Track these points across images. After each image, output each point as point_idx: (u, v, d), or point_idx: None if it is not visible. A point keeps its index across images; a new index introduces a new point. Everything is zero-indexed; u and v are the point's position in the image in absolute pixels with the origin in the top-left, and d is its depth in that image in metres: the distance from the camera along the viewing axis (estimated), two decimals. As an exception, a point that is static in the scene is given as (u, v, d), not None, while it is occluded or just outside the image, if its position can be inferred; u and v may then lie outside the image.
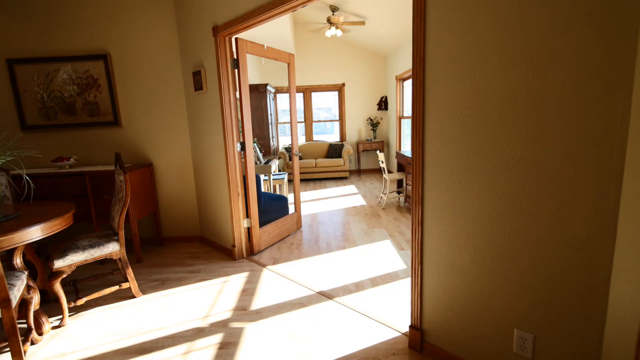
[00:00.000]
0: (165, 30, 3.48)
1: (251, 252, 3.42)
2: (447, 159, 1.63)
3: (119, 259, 2.58)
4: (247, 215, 3.38)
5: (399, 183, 5.45)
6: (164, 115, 3.64)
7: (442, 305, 1.76)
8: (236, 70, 3.10)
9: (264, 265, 3.15)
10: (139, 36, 3.48)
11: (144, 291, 2.77)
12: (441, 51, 1.57)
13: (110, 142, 3.69)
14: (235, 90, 3.17)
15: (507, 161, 1.41)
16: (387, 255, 3.28)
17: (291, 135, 3.96)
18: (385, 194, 5.31)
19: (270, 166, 4.63)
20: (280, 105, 8.35)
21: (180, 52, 3.52)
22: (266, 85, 5.89)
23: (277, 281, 2.83)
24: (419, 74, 1.66)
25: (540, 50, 1.26)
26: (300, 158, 7.83)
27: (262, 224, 3.60)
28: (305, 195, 6.15)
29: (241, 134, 3.26)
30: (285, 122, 8.49)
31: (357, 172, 8.36)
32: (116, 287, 2.58)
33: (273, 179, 5.04)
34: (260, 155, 5.00)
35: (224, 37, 2.98)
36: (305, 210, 5.09)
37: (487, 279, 1.55)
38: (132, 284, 2.63)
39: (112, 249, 2.51)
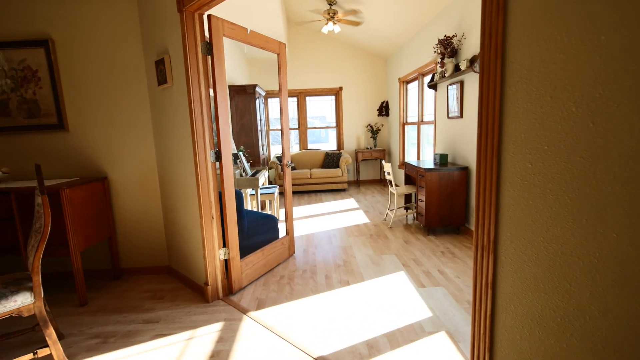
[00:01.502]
0: (124, 10, 2.77)
1: (229, 290, 2.67)
2: (547, 179, 0.93)
3: (35, 315, 1.82)
4: (225, 244, 2.65)
5: (407, 198, 4.76)
6: (122, 116, 2.91)
7: None
8: (210, 57, 2.40)
9: (244, 311, 2.40)
10: (90, 17, 2.77)
11: (74, 355, 2.00)
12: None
13: (53, 150, 2.94)
14: (209, 84, 2.47)
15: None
16: (404, 294, 2.56)
17: (282, 141, 3.26)
18: (392, 210, 4.61)
19: (257, 179, 3.91)
20: (273, 113, 7.67)
21: (142, 37, 2.81)
22: (255, 86, 5.21)
23: (261, 338, 2.09)
24: (495, 33, 0.97)
25: None
26: (294, 168, 7.12)
27: (244, 252, 2.87)
28: (299, 210, 5.42)
29: (217, 139, 2.54)
30: (277, 129, 7.79)
31: (356, 183, 7.67)
32: (30, 356, 1.82)
33: (261, 194, 4.31)
34: (247, 166, 4.28)
35: (191, 13, 2.28)
36: (299, 229, 4.36)
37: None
38: (53, 349, 1.86)
39: (20, 302, 1.75)
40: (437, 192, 3.79)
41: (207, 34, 3.06)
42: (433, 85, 4.64)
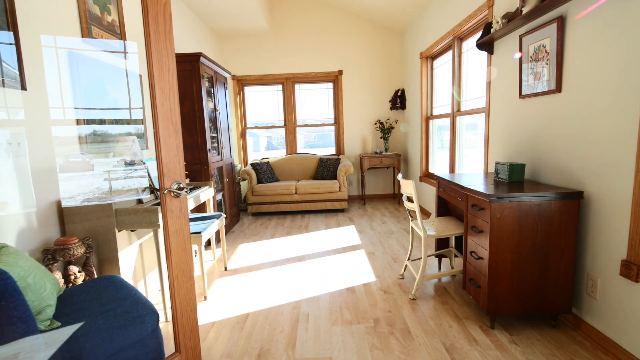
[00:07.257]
0: None
1: None
2: None
3: None
4: None
5: (438, 243, 2.76)
6: None
7: None
8: None
9: None
10: None
11: None
12: None
13: None
14: None
15: None
16: None
17: (155, 140, 1.36)
18: (417, 260, 2.66)
19: (156, 211, 2.01)
20: (250, 106, 5.80)
21: None
22: (199, 55, 3.35)
23: None
24: None
25: None
26: (277, 181, 5.21)
27: None
28: (266, 247, 3.50)
29: None
30: (253, 127, 5.91)
31: (361, 200, 5.72)
32: None
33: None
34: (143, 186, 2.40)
35: None
36: (247, 294, 2.43)
37: None
38: None
39: None
40: (514, 242, 1.82)
41: None
42: (487, 44, 2.69)
